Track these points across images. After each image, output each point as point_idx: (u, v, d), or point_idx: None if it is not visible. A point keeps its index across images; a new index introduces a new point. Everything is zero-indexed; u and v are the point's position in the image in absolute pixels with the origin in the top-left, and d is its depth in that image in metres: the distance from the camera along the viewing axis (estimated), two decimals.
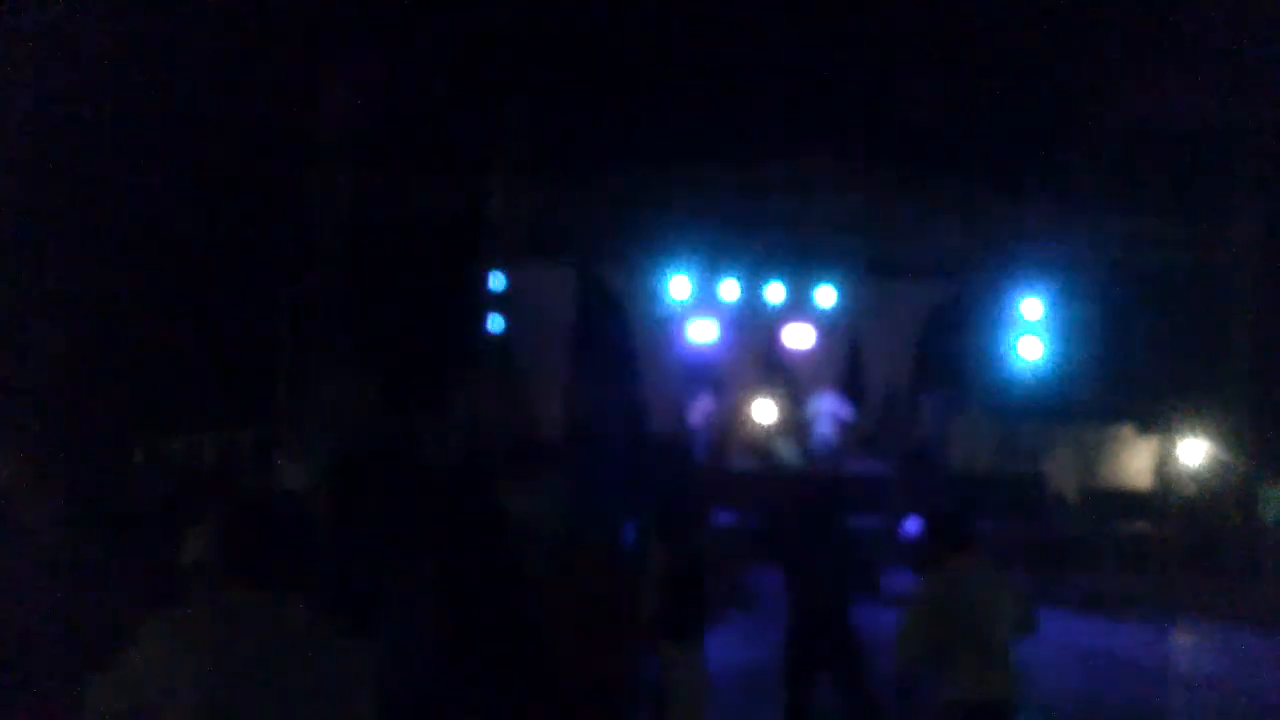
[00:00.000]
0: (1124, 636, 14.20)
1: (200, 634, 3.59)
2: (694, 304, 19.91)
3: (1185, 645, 14.23)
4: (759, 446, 19.57)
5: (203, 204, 15.62)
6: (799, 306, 20.94)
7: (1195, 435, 18.18)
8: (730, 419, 19.97)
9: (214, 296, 15.80)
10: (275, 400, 17.34)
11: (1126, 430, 20.71)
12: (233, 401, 15.63)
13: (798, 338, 21.16)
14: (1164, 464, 19.98)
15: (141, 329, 14.25)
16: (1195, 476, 19.10)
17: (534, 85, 19.02)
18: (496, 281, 18.71)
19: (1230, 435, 19.47)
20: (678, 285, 19.52)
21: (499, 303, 18.74)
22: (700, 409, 19.53)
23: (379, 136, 18.23)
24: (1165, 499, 19.22)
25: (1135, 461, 20.56)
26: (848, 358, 21.85)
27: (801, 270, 20.76)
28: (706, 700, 8.16)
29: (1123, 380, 20.81)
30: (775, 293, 20.64)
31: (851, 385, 21.45)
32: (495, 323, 18.72)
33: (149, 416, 13.19)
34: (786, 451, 19.44)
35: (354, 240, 17.92)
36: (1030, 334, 20.70)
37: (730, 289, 20.21)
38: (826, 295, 20.85)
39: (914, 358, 21.94)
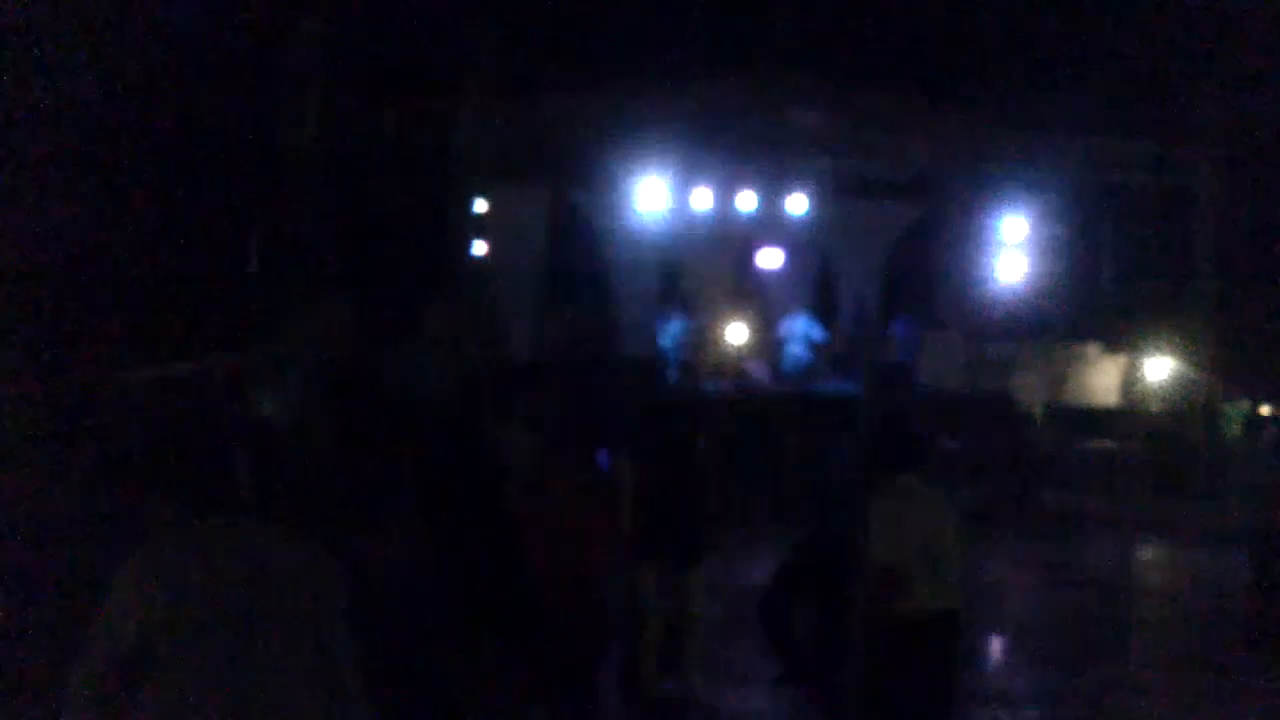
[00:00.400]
0: (1088, 552, 14.48)
1: (176, 566, 3.65)
2: (667, 221, 19.89)
3: (1148, 560, 14.51)
4: (730, 368, 19.68)
5: (173, 130, 15.51)
6: (770, 225, 20.98)
7: (1160, 353, 18.39)
8: (702, 340, 20.05)
9: (188, 223, 15.74)
10: (250, 327, 17.36)
11: (1092, 348, 20.93)
12: (206, 329, 15.63)
13: (768, 259, 21.26)
14: (1129, 382, 20.23)
15: (112, 255, 14.20)
16: (1160, 394, 19.35)
17: (505, 6, 18.93)
18: (471, 205, 18.67)
19: (1194, 353, 19.71)
20: (650, 201, 19.40)
21: (474, 226, 18.72)
22: (672, 331, 19.59)
23: (351, 60, 18.11)
24: (1130, 416, 19.47)
25: (1101, 379, 20.81)
26: (818, 278, 21.99)
27: (774, 189, 20.79)
28: (697, 624, 8.30)
29: (1089, 299, 21.03)
30: (746, 205, 20.64)
31: (822, 306, 21.61)
32: (470, 246, 18.71)
33: (120, 344, 13.19)
34: (758, 373, 19.57)
35: (327, 165, 17.86)
36: (998, 253, 20.85)
37: (702, 206, 20.18)
38: (798, 214, 20.90)
39: (884, 278, 22.09)
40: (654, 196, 19.39)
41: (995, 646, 10.04)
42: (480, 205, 18.68)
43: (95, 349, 12.36)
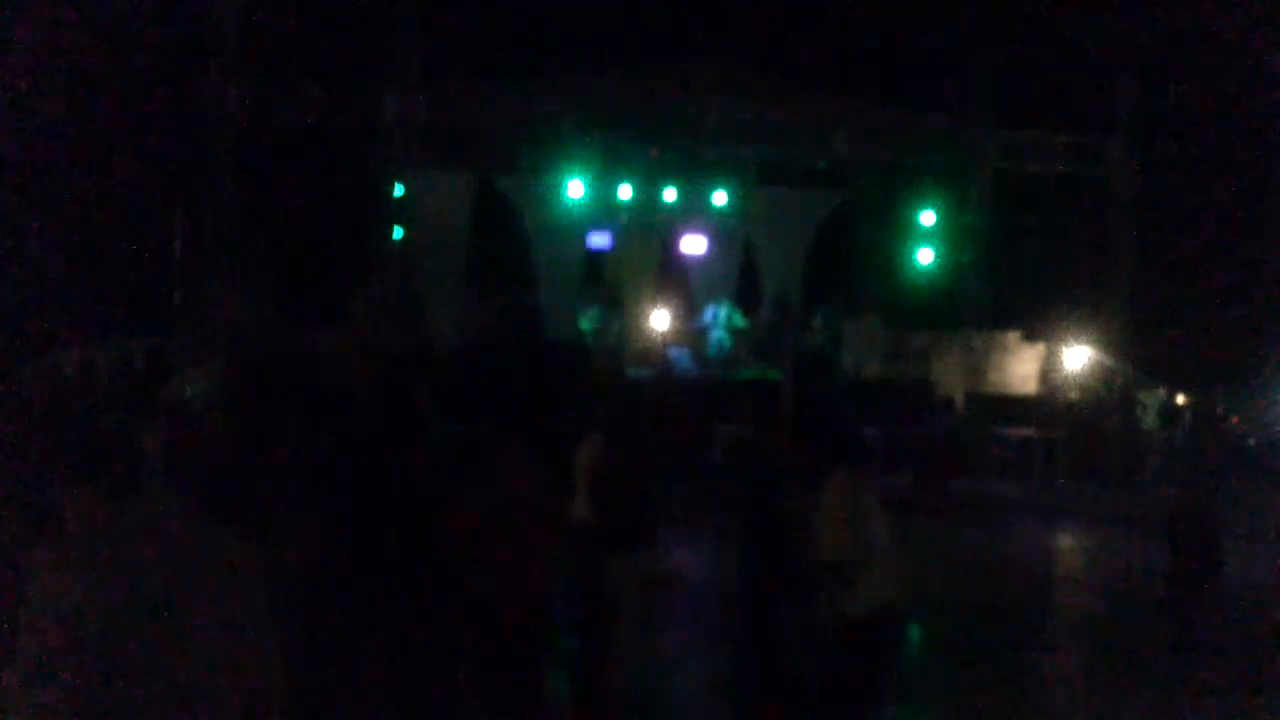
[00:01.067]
0: (1007, 538, 14.61)
1: (91, 551, 3.58)
2: (590, 208, 19.87)
3: (1066, 546, 14.69)
4: (654, 354, 19.68)
5: (98, 115, 15.27)
6: (693, 214, 21.05)
7: (1078, 342, 18.63)
8: (625, 326, 20.05)
9: (111, 207, 15.50)
10: (172, 310, 17.16)
11: (1012, 337, 21.17)
12: (129, 312, 15.41)
13: (692, 246, 21.31)
14: (1048, 370, 20.48)
15: (38, 239, 13.96)
16: (1078, 382, 19.58)
17: None
18: (393, 190, 18.51)
19: (1111, 343, 19.98)
20: (573, 188, 19.42)
21: (396, 211, 18.56)
22: (595, 316, 19.58)
23: (274, 44, 17.89)
24: (1049, 404, 19.72)
25: (1021, 367, 21.05)
26: (741, 266, 22.07)
27: (696, 178, 20.86)
28: (643, 611, 8.21)
29: (1009, 288, 21.25)
30: (669, 197, 20.72)
31: (744, 293, 21.69)
32: (393, 231, 18.55)
33: (45, 326, 12.96)
34: (680, 359, 19.58)
35: (249, 149, 17.64)
36: (918, 242, 21.05)
37: (625, 193, 20.22)
38: (720, 203, 20.98)
39: (805, 266, 22.24)
40: (578, 184, 19.39)
41: (913, 635, 10.09)
42: (402, 191, 18.53)
43: (16, 332, 12.15)
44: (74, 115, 15.31)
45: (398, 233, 18.59)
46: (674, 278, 21.34)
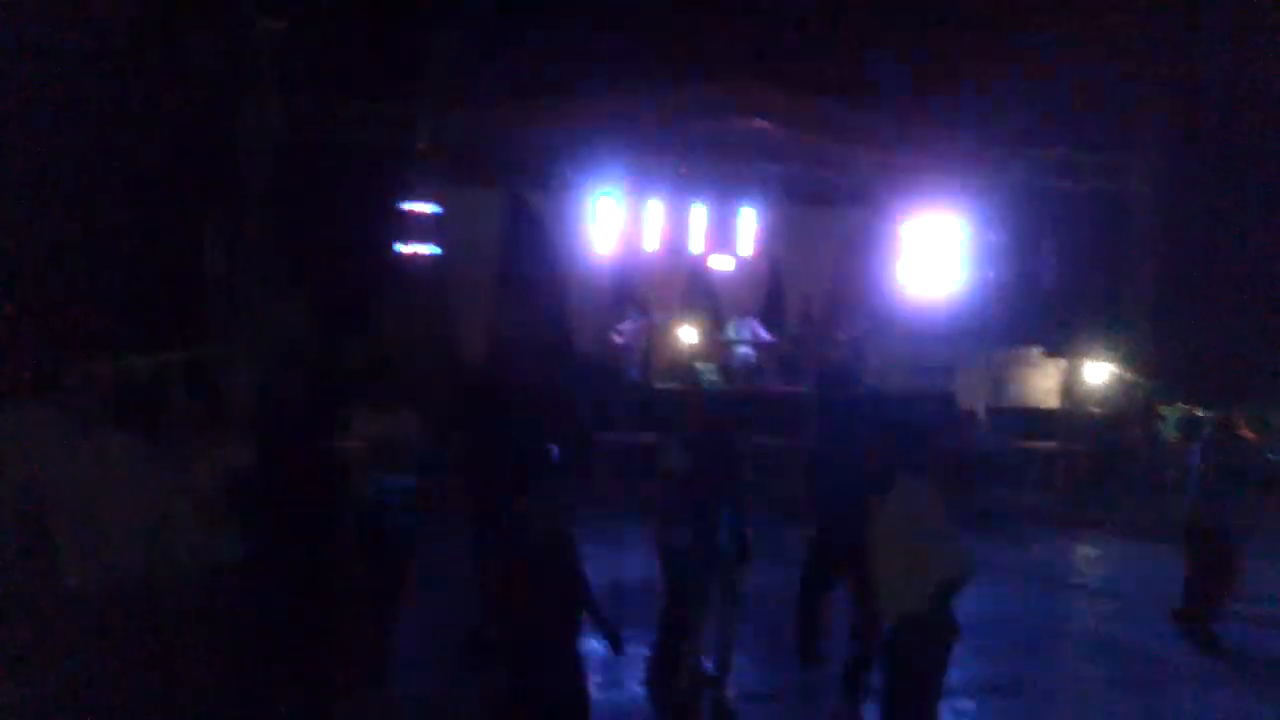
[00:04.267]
0: (1029, 549, 14.79)
1: None
2: (619, 225, 20.13)
3: (1088, 557, 14.87)
4: (682, 368, 19.90)
5: (134, 127, 15.60)
6: (720, 230, 21.30)
7: (1099, 358, 18.79)
8: (654, 341, 20.30)
9: (146, 221, 15.83)
10: (206, 324, 17.47)
11: (1034, 352, 21.36)
12: (162, 324, 15.73)
13: (720, 263, 21.56)
14: (1070, 385, 20.66)
15: (71, 251, 14.31)
16: (1099, 397, 19.75)
17: (465, 13, 19.10)
18: (426, 208, 18.82)
19: (1132, 358, 20.16)
20: (603, 205, 19.71)
21: (429, 229, 18.86)
22: (625, 331, 19.83)
23: (310, 62, 18.23)
24: (1071, 418, 19.90)
25: (1043, 382, 21.25)
26: (768, 282, 22.30)
27: (723, 195, 21.13)
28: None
29: (1030, 304, 21.44)
30: (698, 214, 21.01)
31: (771, 309, 21.93)
32: (426, 249, 18.86)
33: (80, 338, 13.31)
34: (708, 373, 19.78)
35: (285, 166, 17.96)
36: (941, 259, 21.23)
37: (655, 212, 20.51)
38: (747, 220, 21.26)
39: (831, 282, 22.44)
40: (608, 202, 19.67)
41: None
42: (434, 207, 18.83)
43: (56, 342, 12.50)
44: (108, 133, 15.67)
45: (429, 250, 18.90)
46: (701, 294, 21.62)
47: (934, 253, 21.28)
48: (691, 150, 20.55)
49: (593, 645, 9.50)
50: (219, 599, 6.97)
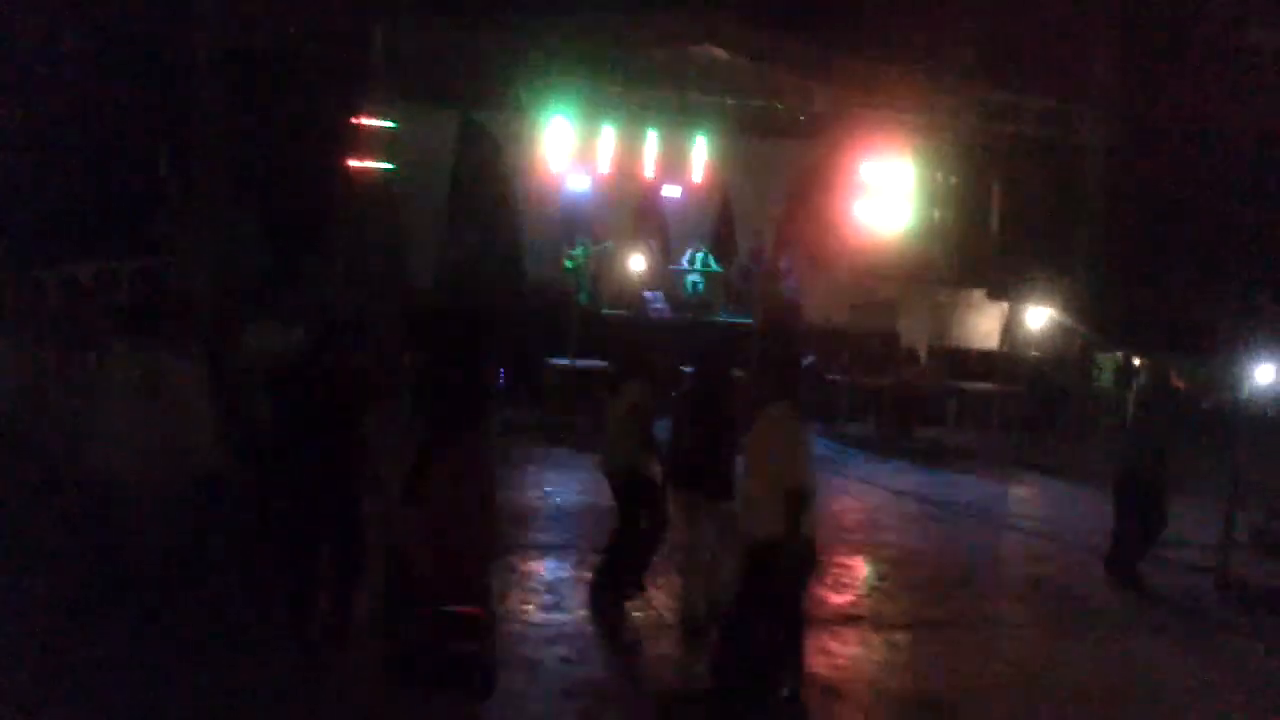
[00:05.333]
0: (964, 487, 15.09)
1: None
2: (574, 151, 20.13)
3: (1020, 496, 15.20)
4: (631, 295, 20.04)
5: (95, 41, 15.45)
6: (672, 159, 21.37)
7: (1041, 303, 19.09)
8: (603, 267, 20.38)
9: (105, 132, 15.73)
10: (158, 234, 17.39)
11: (976, 294, 21.67)
12: (121, 233, 15.69)
13: (671, 191, 21.63)
14: (1010, 328, 20.99)
15: (36, 162, 14.24)
16: (1037, 341, 20.09)
17: None
18: (380, 125, 18.73)
19: (1073, 304, 20.49)
20: (558, 128, 19.70)
21: (382, 145, 18.79)
22: (576, 256, 19.88)
23: None
24: (1009, 361, 20.23)
25: (984, 325, 21.60)
26: (717, 213, 22.41)
27: (677, 124, 21.18)
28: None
29: (975, 246, 21.73)
30: (651, 142, 21.06)
31: (720, 240, 22.06)
32: (379, 165, 18.78)
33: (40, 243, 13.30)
34: (656, 301, 19.94)
35: (240, 81, 17.78)
36: (890, 197, 21.43)
37: (607, 136, 20.53)
38: (700, 150, 21.35)
39: (780, 215, 22.59)
40: (562, 124, 19.67)
41: (870, 572, 10.53)
42: (389, 124, 18.75)
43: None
44: (70, 40, 15.51)
45: (382, 167, 18.83)
46: (652, 222, 21.71)
47: (883, 191, 21.50)
48: (647, 77, 20.57)
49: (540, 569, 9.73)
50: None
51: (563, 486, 12.96)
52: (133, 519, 6.99)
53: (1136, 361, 18.22)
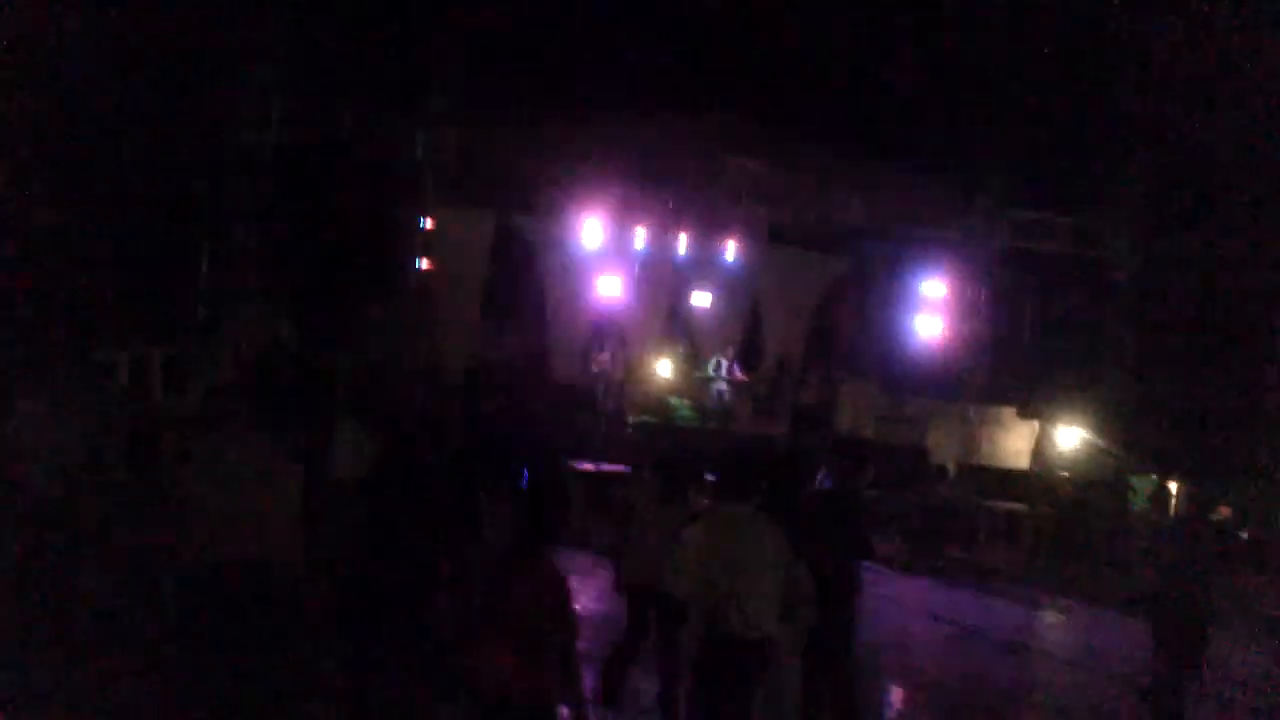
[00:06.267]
0: (994, 610, 14.79)
1: None
2: (605, 254, 20.09)
3: (1050, 622, 14.88)
4: (657, 401, 19.92)
5: (133, 133, 15.55)
6: (703, 267, 21.33)
7: (1073, 422, 18.86)
8: (630, 372, 20.28)
9: (143, 222, 15.80)
10: (194, 323, 17.38)
11: (1007, 412, 21.45)
12: (151, 321, 15.67)
13: (700, 298, 21.56)
14: (1041, 447, 20.74)
15: (66, 249, 14.27)
16: (1069, 461, 19.82)
17: (463, 37, 19.10)
18: (417, 223, 18.78)
19: (1107, 424, 20.26)
20: (589, 231, 19.65)
21: (418, 244, 18.82)
22: (602, 360, 19.79)
23: (308, 73, 18.17)
24: (1040, 481, 19.96)
25: (1015, 443, 21.34)
26: (746, 321, 22.33)
27: (708, 230, 21.16)
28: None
29: (1006, 364, 21.56)
30: (681, 248, 21.03)
31: (748, 348, 21.96)
32: (413, 263, 18.80)
33: (72, 331, 13.27)
34: (682, 408, 19.81)
35: (279, 175, 17.87)
36: (922, 312, 21.33)
37: (638, 240, 20.51)
38: (730, 257, 21.31)
39: (809, 325, 22.51)
40: (594, 229, 19.65)
41: (898, 698, 10.26)
42: (427, 223, 18.78)
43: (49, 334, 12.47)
44: (105, 134, 15.59)
45: (416, 264, 18.85)
46: (680, 327, 21.64)
47: (914, 304, 21.40)
48: (679, 184, 20.60)
49: None
50: None
51: (583, 594, 12.70)
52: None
53: (1173, 486, 17.93)
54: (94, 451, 9.18)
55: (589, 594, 12.58)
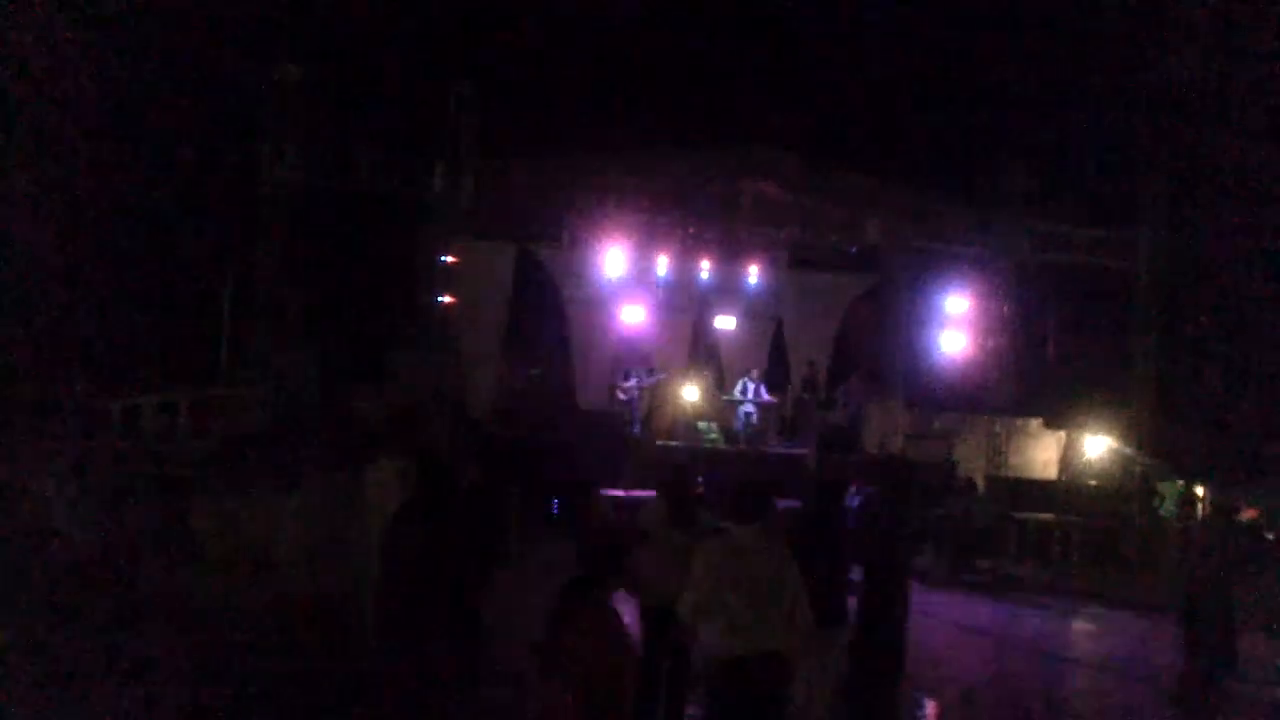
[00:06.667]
0: (1026, 620, 14.81)
1: None
2: (627, 282, 20.22)
3: (1083, 629, 14.89)
4: (684, 426, 20.00)
5: (156, 179, 15.80)
6: (726, 291, 21.46)
7: (1099, 431, 18.87)
8: (657, 398, 20.38)
9: (164, 268, 16.03)
10: (219, 365, 17.58)
11: (1034, 423, 21.48)
12: (177, 365, 15.90)
13: (724, 322, 21.69)
14: (1068, 457, 20.76)
15: (94, 297, 14.52)
16: (1097, 471, 19.82)
17: (483, 73, 19.32)
18: (438, 259, 18.93)
19: (1132, 432, 20.27)
20: (612, 260, 19.78)
21: (440, 279, 18.97)
22: (628, 388, 19.90)
23: (329, 113, 18.40)
24: (1069, 491, 19.97)
25: (1042, 454, 21.37)
26: (771, 343, 22.45)
27: (730, 256, 21.30)
28: None
29: (1032, 376, 21.60)
30: (704, 273, 21.16)
31: (774, 371, 22.06)
32: (436, 298, 18.95)
33: (100, 376, 13.49)
34: (710, 432, 19.90)
35: (301, 216, 18.07)
36: (946, 328, 21.41)
37: (661, 268, 20.63)
38: (753, 281, 21.43)
39: (833, 346, 22.61)
40: (616, 258, 19.78)
41: (932, 710, 10.30)
42: (449, 258, 18.93)
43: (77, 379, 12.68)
44: (130, 178, 15.85)
45: (439, 299, 19.00)
46: (705, 353, 21.77)
47: (937, 321, 21.49)
48: (700, 210, 20.74)
49: None
50: None
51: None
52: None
53: (1200, 491, 17.92)
54: (118, 494, 9.36)
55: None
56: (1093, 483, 20.02)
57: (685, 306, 21.34)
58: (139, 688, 8.07)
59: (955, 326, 21.47)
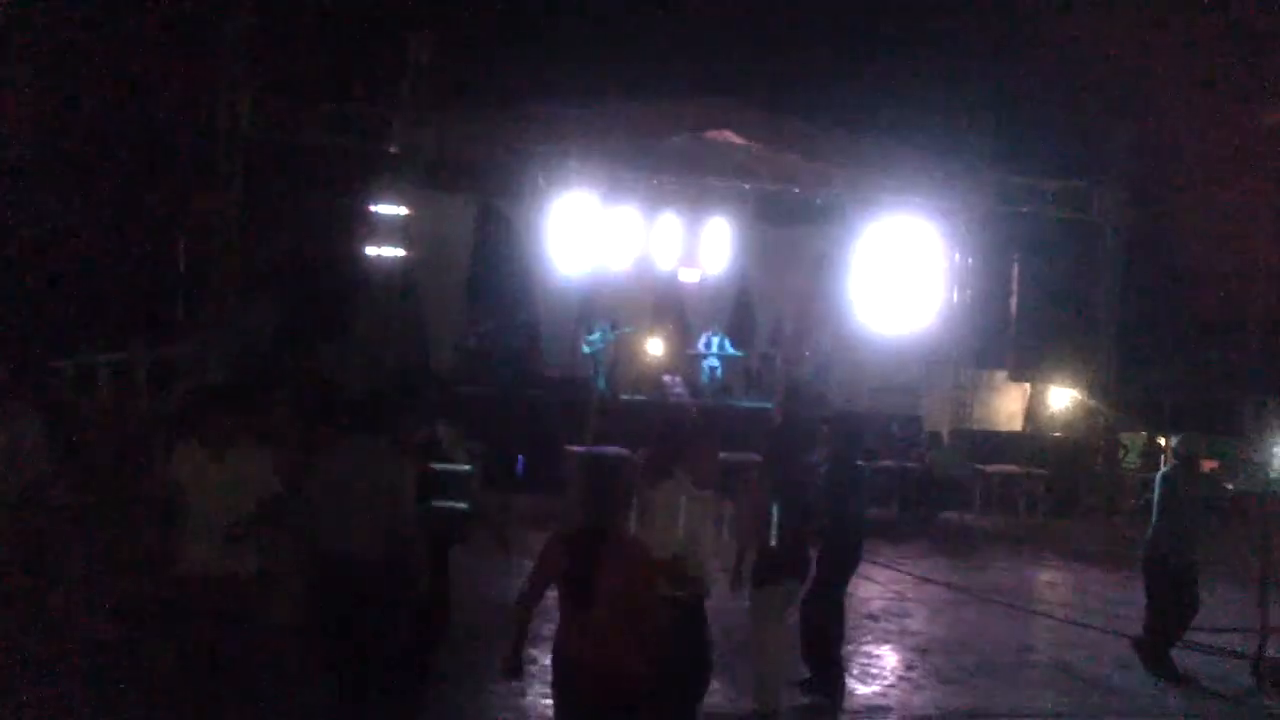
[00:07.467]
0: (990, 572, 14.87)
1: None
2: (591, 235, 20.10)
3: (1047, 580, 14.96)
4: (649, 380, 19.93)
5: (109, 131, 15.57)
6: (691, 245, 21.36)
7: (1063, 384, 18.94)
8: (621, 353, 20.30)
9: (118, 222, 15.82)
10: (177, 322, 17.40)
11: (999, 376, 21.52)
12: (131, 323, 15.70)
13: (689, 276, 21.60)
14: (1033, 409, 20.82)
15: (46, 252, 14.31)
16: (1061, 422, 19.88)
17: (443, 24, 19.10)
18: (396, 211, 18.75)
19: (1096, 384, 20.33)
20: (575, 217, 19.66)
21: (398, 232, 18.80)
22: (593, 342, 19.80)
23: (282, 65, 18.18)
24: (1033, 443, 20.04)
25: (1007, 406, 21.42)
26: (736, 297, 22.37)
27: (695, 208, 21.20)
28: None
29: (997, 328, 21.62)
30: (669, 226, 21.04)
31: (739, 324, 21.99)
32: (394, 251, 18.79)
33: (51, 334, 13.31)
34: (674, 386, 19.83)
35: (257, 170, 17.87)
36: (910, 281, 21.37)
37: (625, 223, 20.49)
38: (718, 234, 21.33)
39: (800, 299, 22.54)
40: (580, 212, 19.66)
41: (896, 661, 10.32)
42: (405, 211, 18.75)
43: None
44: (85, 134, 15.62)
45: (398, 253, 18.84)
46: (670, 307, 21.67)
47: (902, 274, 21.44)
48: (664, 163, 20.62)
49: None
50: None
51: None
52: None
53: (1162, 441, 18.03)
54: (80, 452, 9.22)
55: None
56: (1057, 434, 20.06)
57: (649, 260, 21.20)
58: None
59: (920, 279, 21.43)
